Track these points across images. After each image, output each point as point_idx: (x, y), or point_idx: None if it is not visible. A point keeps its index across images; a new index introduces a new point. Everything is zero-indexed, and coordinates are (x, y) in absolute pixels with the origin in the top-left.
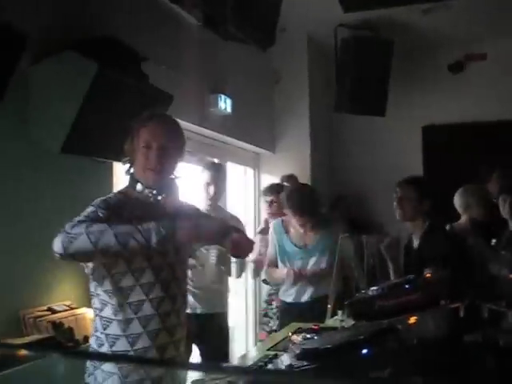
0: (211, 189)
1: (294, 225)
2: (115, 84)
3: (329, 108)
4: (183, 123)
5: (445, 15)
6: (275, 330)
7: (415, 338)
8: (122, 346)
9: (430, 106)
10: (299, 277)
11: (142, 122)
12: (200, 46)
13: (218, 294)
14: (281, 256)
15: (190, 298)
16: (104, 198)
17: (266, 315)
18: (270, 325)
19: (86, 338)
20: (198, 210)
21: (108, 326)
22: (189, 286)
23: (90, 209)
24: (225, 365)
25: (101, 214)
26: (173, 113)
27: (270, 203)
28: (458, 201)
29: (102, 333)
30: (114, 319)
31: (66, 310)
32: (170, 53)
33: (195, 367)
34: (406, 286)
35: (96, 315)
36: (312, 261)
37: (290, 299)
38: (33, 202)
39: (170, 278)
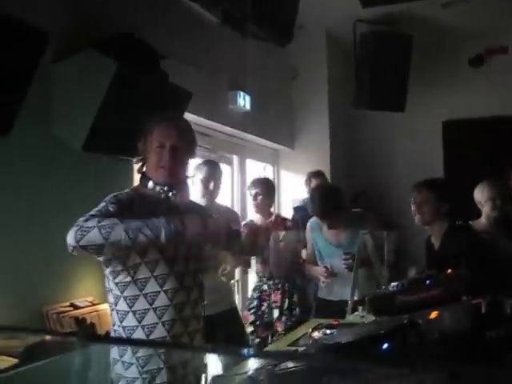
0: (210, 185)
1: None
2: (134, 82)
3: (348, 104)
4: (202, 120)
5: (464, 9)
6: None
7: (436, 333)
8: (138, 336)
9: (450, 101)
10: (331, 274)
11: (155, 123)
12: (219, 44)
13: (227, 291)
14: (318, 254)
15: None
16: (115, 193)
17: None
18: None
19: (109, 334)
20: (206, 210)
21: (124, 318)
22: None
23: (101, 204)
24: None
25: (111, 209)
26: (192, 110)
27: (255, 196)
28: (477, 196)
29: (119, 326)
30: (129, 311)
31: (88, 306)
32: (189, 50)
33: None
34: (427, 282)
35: (112, 310)
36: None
37: (325, 296)
38: (55, 199)
39: (185, 270)
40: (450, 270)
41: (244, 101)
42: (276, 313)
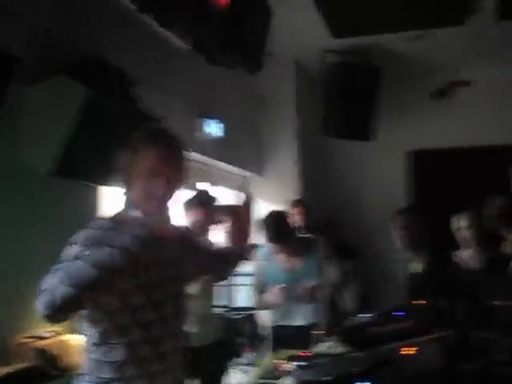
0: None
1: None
2: (104, 108)
3: (316, 132)
4: None
5: (431, 43)
6: None
7: (413, 371)
8: None
9: (415, 131)
10: (285, 292)
11: (148, 140)
12: (189, 70)
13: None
14: (269, 282)
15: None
16: (91, 227)
17: None
18: None
19: (72, 366)
20: (189, 230)
21: (99, 368)
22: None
23: (71, 250)
24: None
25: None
26: None
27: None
28: (454, 227)
29: (92, 376)
30: (105, 361)
31: (53, 337)
32: (159, 77)
33: None
34: (397, 314)
35: (85, 355)
36: (300, 284)
37: (281, 322)
38: (19, 224)
39: (171, 312)
40: (419, 302)
41: (213, 128)
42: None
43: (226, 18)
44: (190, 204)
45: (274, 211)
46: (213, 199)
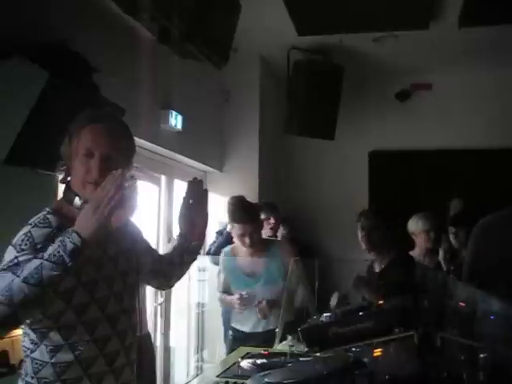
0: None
1: (242, 253)
2: (65, 94)
3: (279, 129)
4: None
5: (393, 45)
6: None
7: (384, 373)
8: None
9: (377, 131)
10: (247, 301)
11: (82, 123)
12: (153, 61)
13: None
14: (232, 285)
15: None
16: (28, 231)
17: None
18: None
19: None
20: (141, 233)
21: (40, 369)
22: None
23: (9, 256)
24: None
25: (22, 259)
26: None
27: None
28: (411, 228)
29: (32, 377)
30: (48, 362)
31: None
32: (123, 66)
33: None
34: (360, 314)
35: (26, 356)
36: (260, 287)
37: (240, 327)
38: None
39: (118, 310)
40: (381, 302)
41: (176, 120)
42: None
43: (193, 8)
44: None
45: (234, 196)
46: None
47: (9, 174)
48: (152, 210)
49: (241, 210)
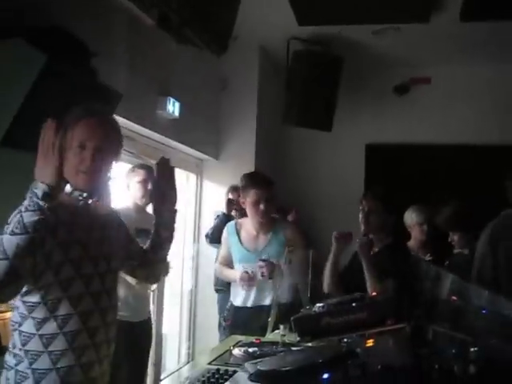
0: (149, 186)
1: (247, 228)
2: (63, 77)
3: (276, 119)
4: (128, 123)
5: (393, 37)
6: None
7: (376, 364)
8: (43, 363)
9: (374, 124)
10: (252, 279)
11: (76, 117)
12: (152, 47)
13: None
14: (233, 256)
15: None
16: (22, 211)
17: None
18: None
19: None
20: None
21: (28, 341)
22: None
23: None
24: None
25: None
26: (120, 112)
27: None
28: (407, 220)
29: (20, 349)
30: (35, 334)
31: None
32: (122, 51)
33: None
34: (353, 304)
35: (14, 329)
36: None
37: (239, 303)
38: None
39: (101, 289)
40: (374, 293)
41: (173, 107)
42: None
43: None
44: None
45: None
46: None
47: (4, 157)
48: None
49: (256, 175)
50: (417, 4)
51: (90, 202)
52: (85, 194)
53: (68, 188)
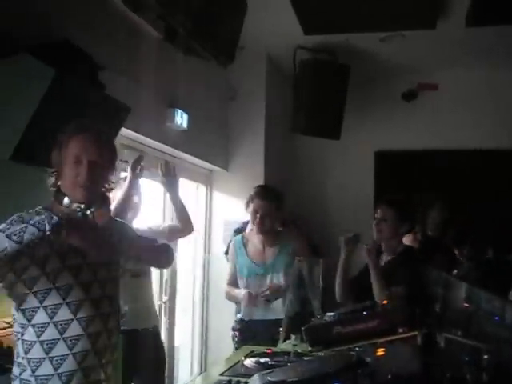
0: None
1: (254, 241)
2: (72, 92)
3: (285, 128)
4: (138, 136)
5: (400, 44)
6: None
7: (386, 373)
8: (45, 369)
9: (383, 131)
10: (255, 299)
11: (71, 132)
12: (159, 59)
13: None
14: (239, 273)
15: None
16: (20, 214)
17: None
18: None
19: None
20: (127, 225)
21: (30, 349)
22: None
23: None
24: None
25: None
26: (129, 125)
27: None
28: None
29: (23, 358)
30: (36, 341)
31: (6, 328)
32: (129, 63)
33: None
34: (364, 313)
35: (18, 339)
36: (269, 278)
37: (247, 317)
38: None
39: (101, 295)
40: (385, 301)
41: (181, 119)
42: None
43: (199, 6)
44: None
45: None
46: None
47: (14, 172)
48: (157, 209)
49: (261, 188)
50: (423, 11)
51: (88, 212)
52: (83, 206)
53: (66, 201)
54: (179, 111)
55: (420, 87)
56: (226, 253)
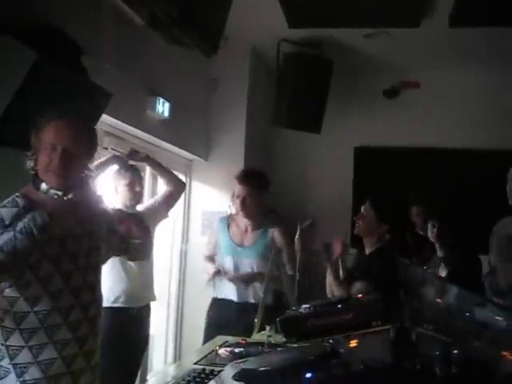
0: (136, 189)
1: (238, 223)
2: (53, 75)
3: (266, 120)
4: (118, 123)
5: (384, 41)
6: None
7: (359, 364)
8: (24, 355)
9: (364, 127)
10: (215, 274)
11: (47, 119)
12: (142, 46)
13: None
14: (218, 250)
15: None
16: (5, 206)
17: None
18: None
19: None
20: (110, 213)
21: (9, 336)
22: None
23: None
24: None
25: None
26: (110, 112)
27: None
28: None
29: (2, 344)
30: (16, 328)
31: None
32: (111, 50)
33: None
34: (339, 306)
35: (1, 344)
36: (245, 261)
37: (220, 295)
38: None
39: (82, 283)
40: (360, 295)
41: (163, 107)
42: None
43: None
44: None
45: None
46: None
47: None
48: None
49: (245, 172)
50: (408, 9)
51: (65, 199)
52: (60, 193)
53: (44, 187)
54: (161, 99)
55: (402, 85)
56: None
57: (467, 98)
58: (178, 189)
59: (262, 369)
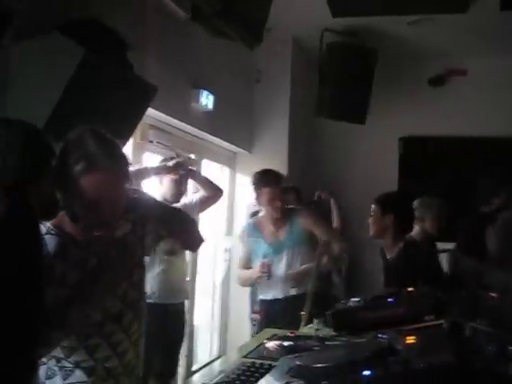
0: (183, 187)
1: (267, 223)
2: (100, 71)
3: (309, 111)
4: (163, 116)
5: (429, 28)
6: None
7: (418, 361)
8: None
9: (409, 117)
10: (268, 268)
11: (80, 169)
12: (185, 40)
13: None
14: (255, 255)
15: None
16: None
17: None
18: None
19: None
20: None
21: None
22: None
23: None
24: None
25: None
26: (155, 105)
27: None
28: (420, 211)
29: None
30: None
31: None
32: (156, 44)
33: None
34: (389, 300)
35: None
36: (285, 254)
37: (267, 297)
38: None
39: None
40: (411, 289)
41: (207, 100)
42: None
43: None
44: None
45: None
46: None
47: None
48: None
49: (268, 174)
50: None
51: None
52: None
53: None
54: (205, 92)
55: (448, 73)
56: None
57: None
58: (215, 196)
59: (318, 365)
